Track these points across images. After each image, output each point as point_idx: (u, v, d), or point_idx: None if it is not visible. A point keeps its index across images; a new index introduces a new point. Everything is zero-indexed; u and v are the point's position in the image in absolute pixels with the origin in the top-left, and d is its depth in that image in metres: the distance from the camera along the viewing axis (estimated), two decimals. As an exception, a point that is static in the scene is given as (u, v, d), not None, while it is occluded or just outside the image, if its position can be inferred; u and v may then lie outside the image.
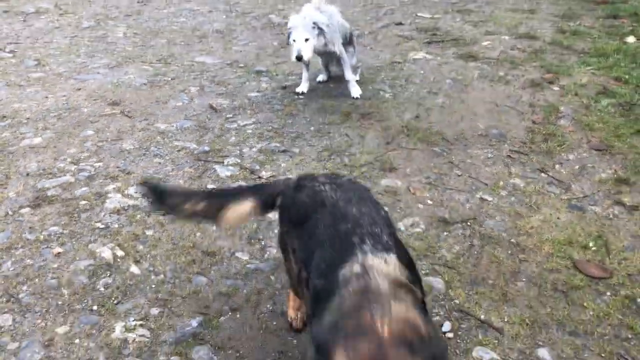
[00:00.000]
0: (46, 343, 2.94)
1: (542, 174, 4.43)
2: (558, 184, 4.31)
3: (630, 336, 3.04)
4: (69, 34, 7.62)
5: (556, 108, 5.36)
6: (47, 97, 5.70)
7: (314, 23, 5.16)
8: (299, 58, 5.17)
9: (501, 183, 4.31)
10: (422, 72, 6.30)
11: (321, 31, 5.22)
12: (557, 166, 4.54)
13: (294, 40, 5.20)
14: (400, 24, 7.98)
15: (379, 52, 6.96)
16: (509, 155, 4.68)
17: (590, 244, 3.68)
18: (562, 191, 4.23)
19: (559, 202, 4.10)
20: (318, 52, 5.55)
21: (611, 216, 3.96)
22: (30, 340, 2.95)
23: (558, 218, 3.93)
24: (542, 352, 2.95)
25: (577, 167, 4.52)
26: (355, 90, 5.68)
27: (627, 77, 5.81)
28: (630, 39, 6.88)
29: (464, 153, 4.71)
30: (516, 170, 4.49)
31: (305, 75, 5.68)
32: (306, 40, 5.15)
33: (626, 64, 6.17)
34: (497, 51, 6.79)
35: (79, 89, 5.89)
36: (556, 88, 5.79)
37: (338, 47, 5.44)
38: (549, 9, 8.45)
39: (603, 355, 2.93)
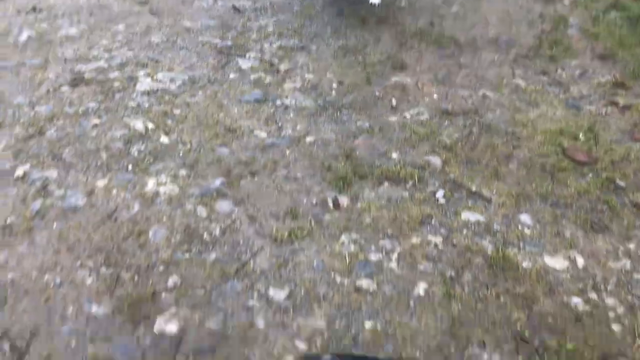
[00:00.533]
0: (88, 193, 3.37)
1: (544, 77, 4.69)
2: (558, 85, 4.59)
3: (604, 208, 3.40)
4: (97, -60, 7.81)
5: (565, 19, 5.55)
6: (78, -4, 5.98)
7: None
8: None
9: (504, 82, 4.59)
10: (439, -17, 6.46)
11: None
12: (559, 70, 4.79)
13: None
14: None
15: (398, -35, 7.08)
16: (515, 60, 4.93)
17: (580, 135, 3.99)
18: (561, 91, 4.51)
19: (556, 100, 4.39)
20: None
21: (604, 114, 4.24)
22: (73, 190, 3.39)
23: (554, 113, 4.23)
24: (524, 217, 3.32)
25: (578, 71, 4.77)
26: None
27: (639, -7, 5.92)
28: (650, -40, 6.90)
29: (472, 56, 4.97)
30: (520, 72, 4.75)
31: None
32: None
33: (641, -18, 6.26)
34: (516, -33, 6.88)
35: (109, -11, 6.16)
36: (567, 2, 5.94)
37: None
38: None
39: (578, 222, 3.30)
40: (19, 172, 3.48)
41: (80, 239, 3.07)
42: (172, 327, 2.64)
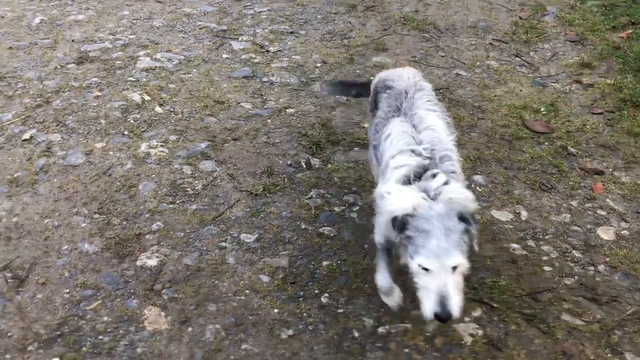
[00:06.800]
0: (87, 153, 3.77)
1: (517, 58, 5.01)
2: (528, 65, 4.90)
3: (554, 171, 3.72)
4: None
5: (543, 7, 5.85)
6: (89, -14, 6.40)
7: (462, 217, 2.23)
8: (445, 318, 2.17)
9: (477, 63, 4.92)
10: (428, -26, 6.79)
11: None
12: (531, 53, 5.10)
13: (424, 269, 2.19)
14: None
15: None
16: (491, 43, 5.25)
17: (542, 109, 4.30)
18: (530, 71, 4.82)
19: (524, 79, 4.70)
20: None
21: (567, 91, 4.55)
22: (74, 150, 3.78)
23: (520, 90, 4.55)
24: (478, 177, 3.65)
25: (549, 54, 5.08)
26: None
27: (618, -17, 6.19)
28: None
29: (450, 40, 5.30)
30: (494, 54, 5.07)
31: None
32: (454, 269, 2.19)
33: (622, -27, 6.52)
34: (504, -41, 7.18)
35: (118, -20, 6.57)
36: (549, -9, 6.24)
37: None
38: None
39: (528, 182, 3.62)
40: (26, 135, 3.88)
41: (77, 191, 3.46)
42: (152, 262, 3.02)
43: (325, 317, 2.75)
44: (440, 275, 2.15)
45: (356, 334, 2.67)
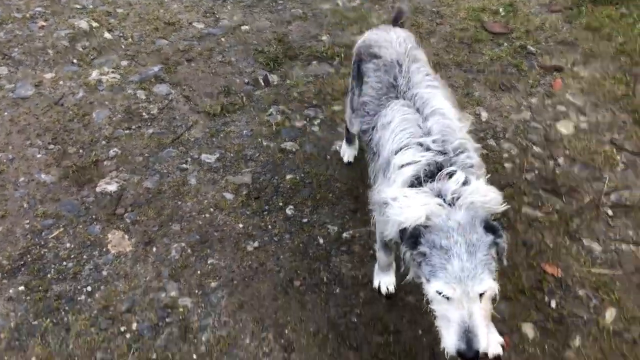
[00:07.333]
0: (36, 84, 3.63)
1: (475, -40, 4.88)
2: (487, -33, 4.78)
3: (514, 71, 3.70)
4: None
5: None
6: None
7: (488, 225, 1.81)
8: (470, 357, 1.75)
9: (435, -32, 4.78)
10: None
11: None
12: (490, -46, 4.97)
13: (444, 297, 1.79)
14: None
15: None
16: (448, -53, 5.09)
17: (501, 10, 4.24)
18: (488, -27, 4.71)
19: (483, -19, 4.60)
20: None
21: (523, -10, 4.47)
22: (23, 82, 3.64)
23: (478, -8, 4.46)
24: (438, 82, 3.61)
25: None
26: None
27: None
28: None
29: (407, -54, 5.13)
30: (452, -42, 4.93)
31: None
32: (481, 295, 1.77)
33: None
34: None
35: None
36: None
37: None
38: None
39: (487, 84, 3.60)
40: (-30, 71, 3.72)
41: (30, 123, 3.35)
42: (112, 187, 2.97)
43: (291, 227, 2.76)
44: (463, 304, 1.75)
45: (321, 241, 2.69)
